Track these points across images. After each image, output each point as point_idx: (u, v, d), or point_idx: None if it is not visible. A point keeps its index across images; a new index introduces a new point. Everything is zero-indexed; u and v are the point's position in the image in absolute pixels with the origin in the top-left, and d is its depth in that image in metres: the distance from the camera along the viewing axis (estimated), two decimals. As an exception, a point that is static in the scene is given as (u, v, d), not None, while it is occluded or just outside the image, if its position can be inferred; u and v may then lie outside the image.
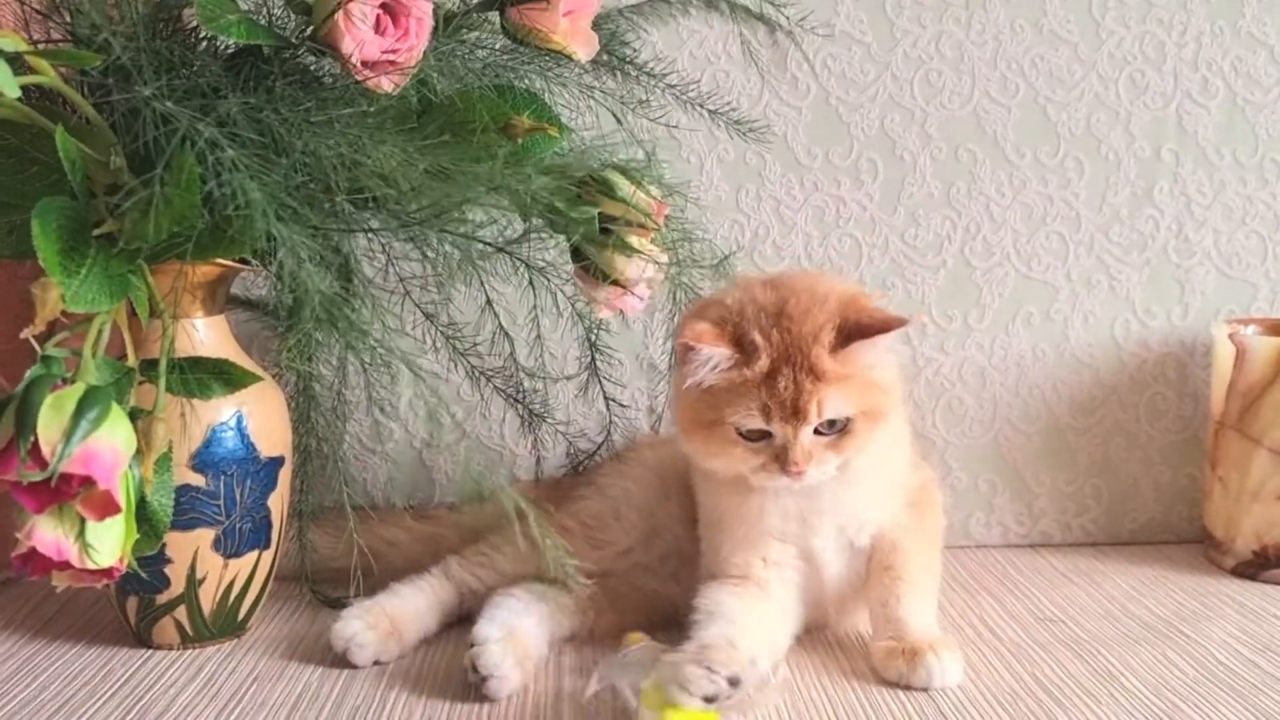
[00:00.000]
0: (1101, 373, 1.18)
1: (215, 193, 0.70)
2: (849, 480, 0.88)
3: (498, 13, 0.91)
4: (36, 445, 0.64)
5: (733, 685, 0.77)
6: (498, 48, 0.93)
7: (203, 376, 0.77)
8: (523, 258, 1.00)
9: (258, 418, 0.90)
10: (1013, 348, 1.18)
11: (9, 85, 0.66)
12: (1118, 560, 1.15)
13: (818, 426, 0.84)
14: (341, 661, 0.89)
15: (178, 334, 0.80)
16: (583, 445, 1.17)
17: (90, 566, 0.66)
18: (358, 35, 0.78)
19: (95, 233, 0.75)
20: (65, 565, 0.66)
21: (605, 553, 0.97)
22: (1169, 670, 0.88)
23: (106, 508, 0.65)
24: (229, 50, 0.85)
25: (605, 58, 1.01)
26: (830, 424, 0.84)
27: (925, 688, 0.84)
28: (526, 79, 0.93)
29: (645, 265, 0.88)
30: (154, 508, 0.72)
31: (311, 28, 0.81)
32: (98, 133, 0.78)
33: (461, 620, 0.95)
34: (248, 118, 0.76)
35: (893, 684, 0.85)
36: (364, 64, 0.79)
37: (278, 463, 0.93)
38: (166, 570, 0.89)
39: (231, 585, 0.92)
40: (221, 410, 0.88)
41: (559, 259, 1.00)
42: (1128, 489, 1.19)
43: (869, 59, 1.16)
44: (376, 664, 0.89)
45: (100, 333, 0.71)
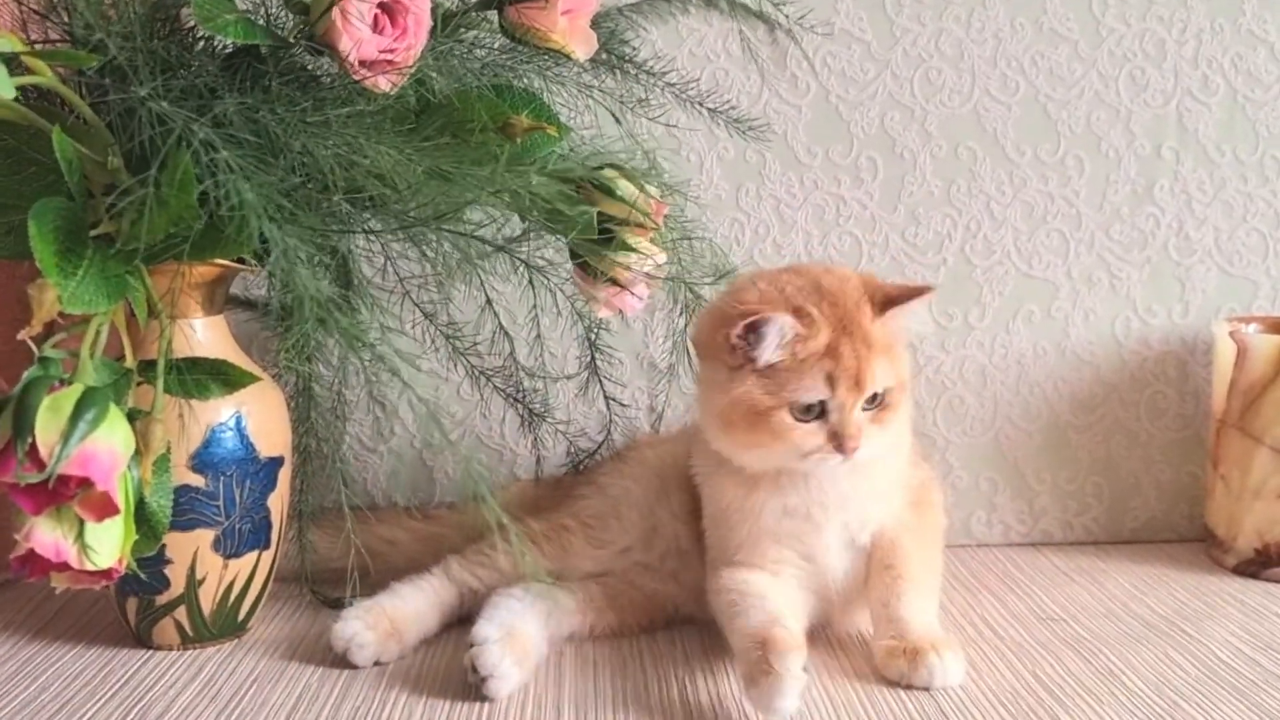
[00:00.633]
0: (1102, 371, 1.18)
1: (211, 193, 0.70)
2: (857, 472, 0.88)
3: (496, 11, 0.90)
4: (34, 447, 0.64)
5: (806, 673, 0.78)
6: (496, 47, 0.93)
7: (201, 377, 0.77)
8: (522, 257, 0.99)
9: (257, 418, 0.90)
10: (1013, 346, 1.18)
11: (5, 86, 0.66)
12: (1119, 559, 1.14)
13: (866, 402, 0.85)
14: (342, 662, 0.89)
15: (176, 334, 0.80)
16: (583, 444, 1.17)
17: (89, 568, 0.66)
18: (355, 34, 0.78)
19: (92, 233, 0.74)
20: (64, 567, 0.66)
21: (606, 551, 0.97)
22: (1171, 669, 0.88)
23: (105, 509, 0.65)
24: (226, 50, 0.85)
25: (604, 56, 1.01)
26: (872, 397, 0.85)
27: (927, 687, 0.83)
28: (525, 78, 0.93)
29: (644, 264, 0.88)
30: (153, 509, 0.71)
31: (309, 27, 0.80)
32: (95, 133, 0.78)
33: (462, 620, 0.94)
34: (244, 118, 0.75)
35: (894, 683, 0.85)
36: (361, 63, 0.79)
37: (277, 463, 0.92)
38: (166, 571, 0.89)
39: (231, 586, 0.92)
40: (221, 410, 0.88)
41: (558, 258, 1.00)
42: (1129, 487, 1.19)
43: (869, 57, 1.16)
44: (377, 664, 0.89)
45: (98, 334, 0.70)
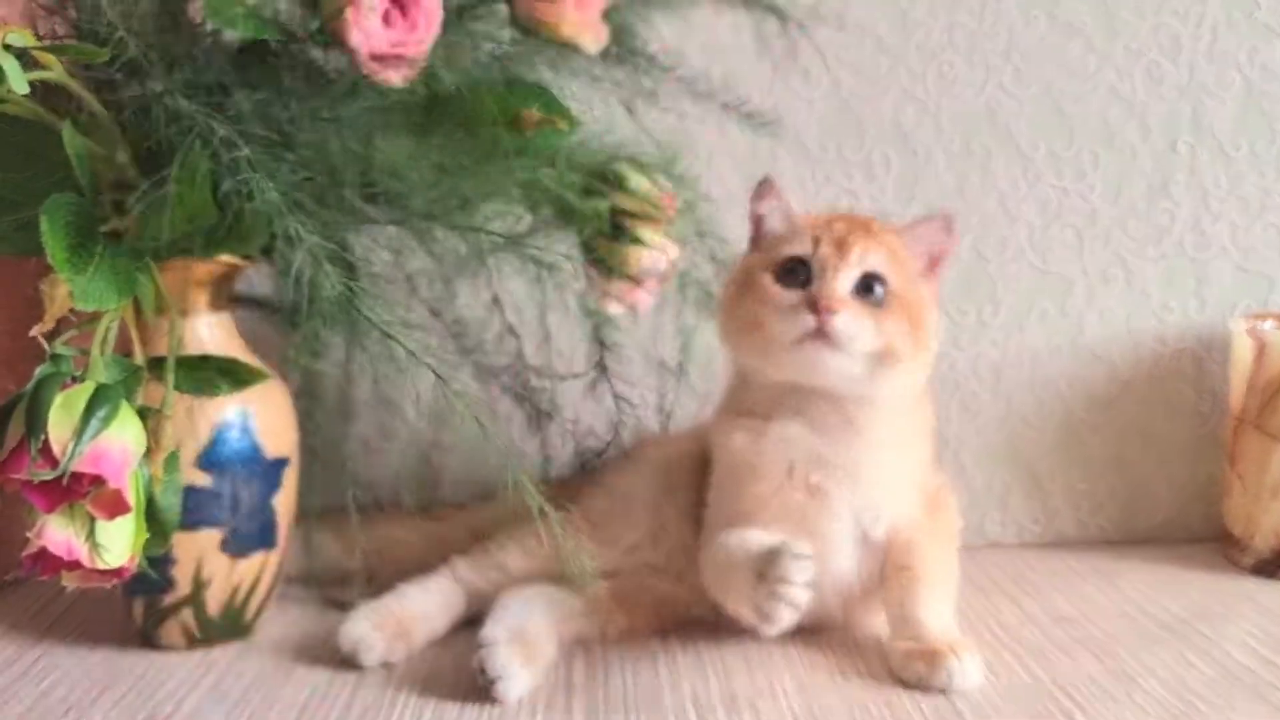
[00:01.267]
0: (1117, 368, 1.17)
1: (229, 190, 0.69)
2: (868, 446, 0.87)
3: (506, 4, 0.90)
4: (47, 444, 0.63)
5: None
6: (506, 40, 0.92)
7: (210, 374, 0.76)
8: (531, 252, 0.98)
9: (263, 417, 0.89)
10: (1027, 343, 1.17)
11: (18, 81, 0.65)
12: (1134, 559, 1.13)
13: (857, 287, 0.85)
14: (349, 663, 0.88)
15: (184, 331, 0.79)
16: (591, 444, 1.16)
17: (100, 566, 0.66)
18: (366, 27, 0.77)
19: (102, 230, 0.74)
20: (75, 565, 0.65)
21: (613, 550, 0.96)
22: (1187, 670, 0.87)
23: (117, 507, 0.65)
24: (235, 45, 0.84)
25: (614, 49, 1.00)
26: (868, 288, 0.85)
27: (945, 689, 0.83)
28: (535, 71, 0.93)
29: (656, 259, 0.87)
30: (162, 507, 0.71)
31: (319, 21, 0.80)
32: (104, 129, 0.78)
33: (470, 621, 0.94)
34: (256, 113, 0.75)
35: (912, 686, 0.84)
36: (372, 57, 0.78)
37: (283, 463, 0.92)
38: (172, 571, 0.88)
39: (238, 586, 0.91)
40: (227, 410, 0.87)
41: (569, 253, 0.99)
42: (1144, 487, 1.18)
43: (881, 51, 1.15)
44: (384, 665, 0.88)
45: (109, 330, 0.70)
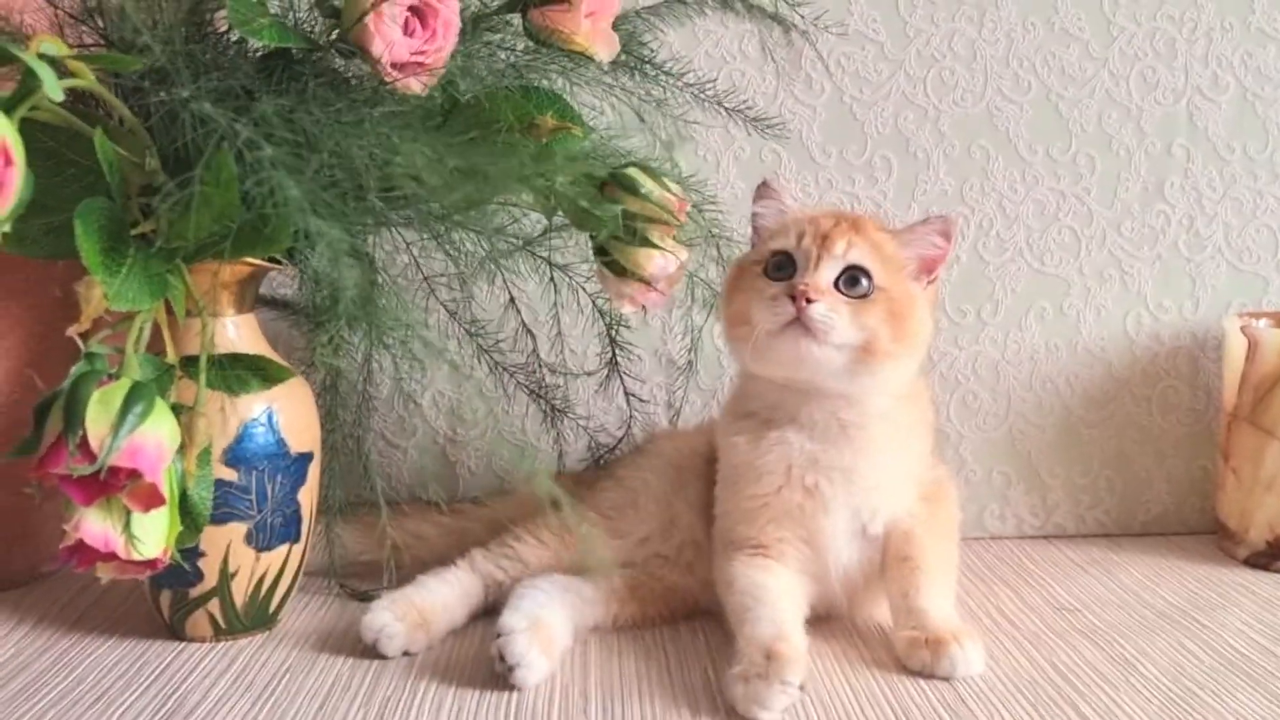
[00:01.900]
0: (1114, 366, 1.20)
1: (252, 191, 0.72)
2: (863, 448, 0.89)
3: (520, 14, 0.92)
4: (85, 439, 0.65)
5: (801, 690, 0.79)
6: (520, 49, 0.94)
7: (240, 372, 0.79)
8: (545, 255, 1.01)
9: (288, 414, 0.92)
10: (1026, 342, 1.20)
11: (53, 89, 0.67)
12: (1131, 551, 1.16)
13: (840, 281, 0.87)
14: (371, 652, 0.90)
15: (214, 332, 0.82)
16: (603, 440, 1.19)
17: (135, 558, 0.68)
18: (388, 37, 0.80)
19: (133, 233, 0.76)
20: (112, 556, 0.67)
21: (625, 542, 0.98)
22: (1186, 657, 0.89)
23: (152, 500, 0.67)
24: (259, 52, 0.86)
25: (624, 58, 1.03)
26: (853, 280, 0.87)
27: (949, 677, 0.85)
28: (548, 79, 0.95)
29: (668, 261, 0.90)
30: (195, 500, 0.73)
31: (342, 30, 0.82)
32: (132, 135, 0.80)
33: (488, 611, 0.96)
34: (280, 118, 0.77)
35: (916, 673, 0.86)
36: (394, 65, 0.80)
37: (307, 458, 0.94)
38: (200, 564, 0.91)
39: (263, 578, 0.93)
40: (253, 407, 0.90)
41: (580, 255, 1.02)
42: (1141, 481, 1.21)
43: (882, 57, 1.18)
44: (405, 655, 0.91)
45: (142, 330, 0.72)
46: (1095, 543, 1.19)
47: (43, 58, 0.70)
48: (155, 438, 0.67)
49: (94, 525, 0.66)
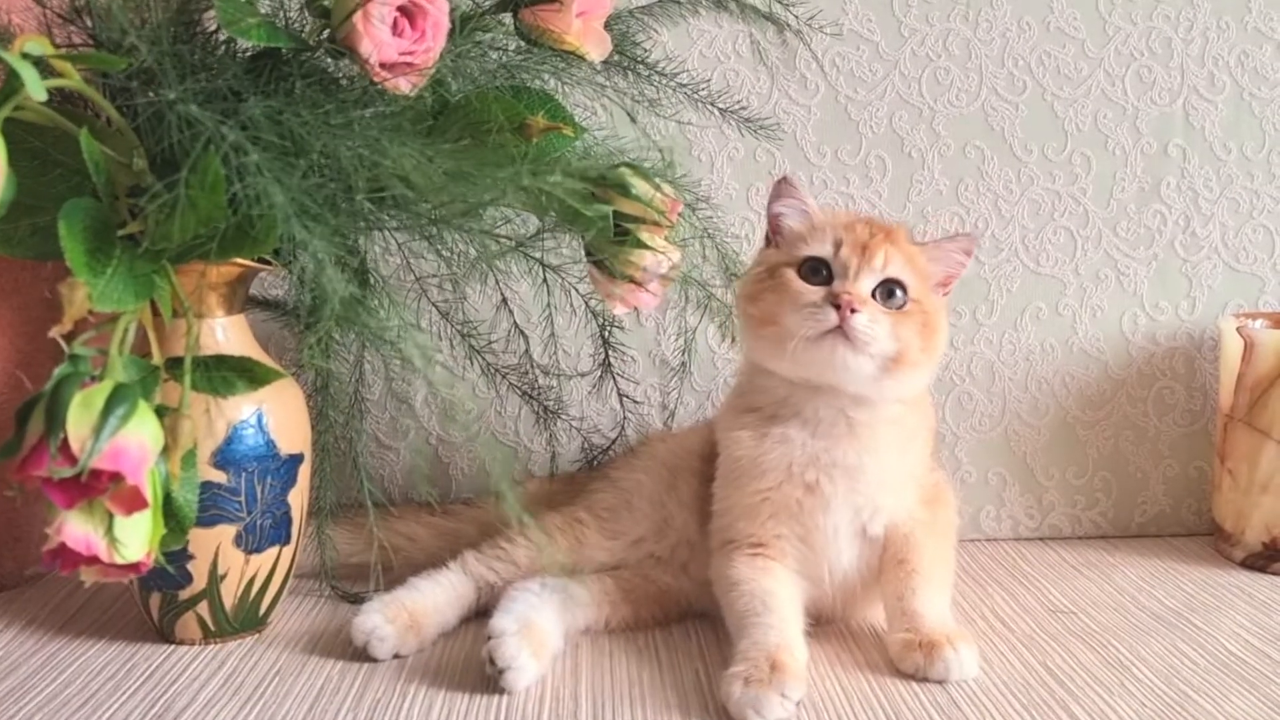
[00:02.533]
0: (1110, 367, 1.19)
1: (239, 195, 0.71)
2: (866, 448, 0.89)
3: (511, 14, 0.91)
4: (66, 442, 0.65)
5: (797, 706, 0.80)
6: (512, 49, 0.94)
7: (226, 374, 0.78)
8: (537, 256, 1.00)
9: (278, 415, 0.92)
10: (1021, 343, 1.19)
11: (36, 89, 0.67)
12: (1127, 553, 1.15)
13: (876, 291, 0.88)
14: (362, 655, 0.90)
15: (200, 333, 0.81)
16: (597, 441, 1.18)
17: (118, 561, 0.67)
18: (376, 37, 0.79)
19: (119, 234, 0.76)
20: (94, 560, 0.67)
21: (619, 542, 0.98)
22: (1180, 660, 0.89)
23: (134, 503, 0.66)
24: (248, 53, 0.86)
25: (617, 58, 1.02)
26: (889, 293, 0.88)
27: (942, 680, 0.85)
28: (540, 79, 0.94)
29: (660, 262, 0.89)
30: (180, 503, 0.72)
31: (330, 30, 0.81)
32: (119, 135, 0.79)
33: (480, 614, 0.96)
34: (268, 119, 0.77)
35: (910, 676, 0.86)
36: (382, 66, 0.80)
37: (297, 459, 0.94)
38: (189, 566, 0.90)
39: (253, 581, 0.93)
40: (242, 408, 0.89)
41: (573, 256, 1.01)
42: (1137, 482, 1.20)
43: (877, 57, 1.17)
44: (396, 657, 0.90)
45: (126, 331, 0.72)
46: (1091, 544, 1.18)
47: (26, 57, 0.69)
48: (138, 440, 0.67)
49: (76, 528, 0.66)
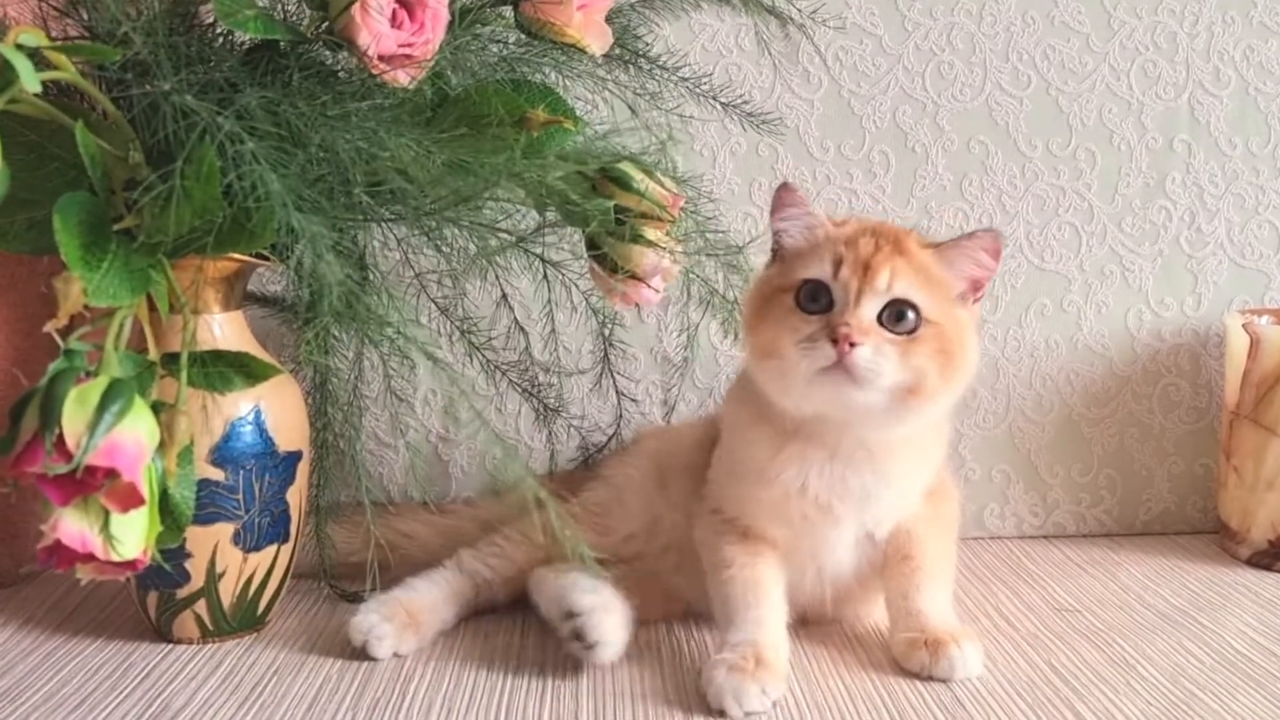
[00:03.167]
0: (1115, 363, 1.19)
1: (235, 185, 0.71)
2: (885, 472, 0.85)
3: (511, 7, 0.91)
4: (61, 438, 0.64)
5: (773, 705, 0.79)
6: (512, 41, 0.93)
7: (223, 370, 0.77)
8: (538, 252, 1.00)
9: (276, 412, 0.91)
10: (1026, 339, 1.18)
11: (30, 80, 0.66)
12: (1132, 551, 1.15)
13: (883, 315, 0.79)
14: (361, 654, 0.89)
15: (197, 329, 0.80)
16: (596, 439, 1.17)
17: (114, 558, 0.67)
18: (374, 29, 0.78)
19: (115, 228, 0.75)
20: (90, 557, 0.66)
21: (611, 539, 0.97)
22: (1186, 659, 0.88)
23: (130, 499, 0.66)
24: (245, 45, 0.85)
25: (618, 52, 1.02)
26: (898, 316, 0.80)
27: (948, 678, 0.84)
28: (540, 72, 0.94)
29: (660, 257, 0.88)
30: (177, 500, 0.72)
31: (328, 22, 0.81)
32: (116, 128, 0.79)
33: (478, 611, 0.96)
34: (265, 111, 0.76)
35: (915, 675, 0.85)
36: (381, 58, 0.79)
37: (296, 457, 0.93)
38: (187, 565, 0.89)
39: (251, 579, 0.92)
40: (240, 405, 0.89)
41: (574, 252, 1.01)
42: (1142, 480, 1.19)
43: (881, 52, 1.16)
44: (396, 656, 0.89)
45: (122, 327, 0.71)
46: (1096, 542, 1.17)
47: (21, 49, 0.69)
48: (134, 436, 0.66)
49: (71, 525, 0.65)
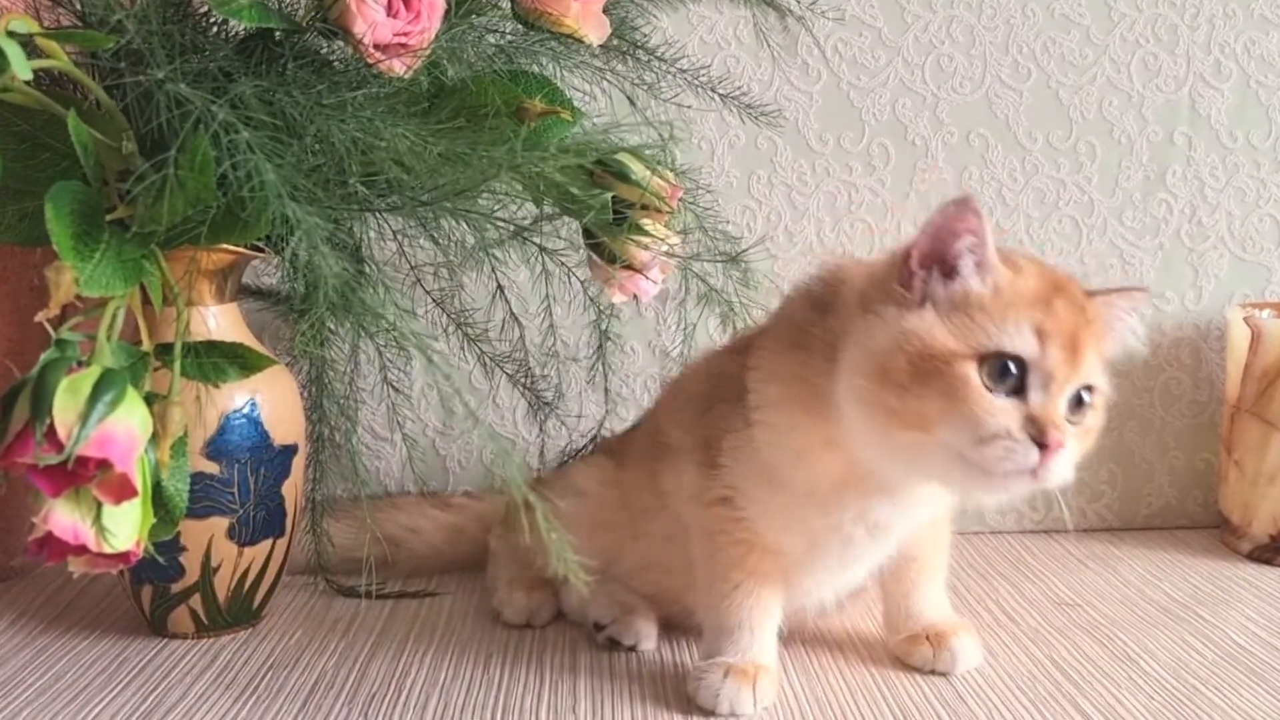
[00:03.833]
0: (1115, 357, 1.18)
1: (229, 175, 0.70)
2: (919, 506, 0.80)
3: (509, -3, 0.90)
4: (52, 428, 0.63)
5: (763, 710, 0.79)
6: (509, 31, 0.93)
7: (218, 360, 0.77)
8: (537, 241, 0.99)
9: (271, 405, 0.90)
10: (1026, 333, 1.18)
11: (21, 68, 0.65)
12: (1133, 545, 1.14)
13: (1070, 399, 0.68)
14: (358, 651, 0.88)
15: (191, 320, 0.80)
16: (583, 439, 1.17)
17: (107, 551, 0.66)
18: (370, 17, 0.78)
19: (108, 218, 0.74)
20: (82, 550, 0.65)
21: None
22: (1188, 653, 0.88)
23: (123, 491, 0.65)
24: (240, 33, 0.84)
25: (616, 42, 1.01)
26: (1079, 401, 0.68)
27: (949, 672, 0.83)
28: (538, 63, 0.93)
29: (660, 247, 0.88)
30: (170, 492, 0.71)
31: (323, 10, 0.80)
32: (109, 117, 0.78)
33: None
34: (260, 101, 0.75)
35: (916, 669, 0.85)
36: (376, 46, 0.79)
37: (291, 450, 0.92)
38: (181, 559, 0.89)
39: (246, 573, 0.91)
40: (235, 398, 0.88)
41: (572, 241, 1.00)
42: (1143, 474, 1.19)
43: (880, 44, 1.16)
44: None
45: (114, 317, 0.70)
46: (1096, 537, 1.17)
47: (12, 36, 0.68)
48: (126, 427, 0.65)
49: (63, 517, 0.64)
